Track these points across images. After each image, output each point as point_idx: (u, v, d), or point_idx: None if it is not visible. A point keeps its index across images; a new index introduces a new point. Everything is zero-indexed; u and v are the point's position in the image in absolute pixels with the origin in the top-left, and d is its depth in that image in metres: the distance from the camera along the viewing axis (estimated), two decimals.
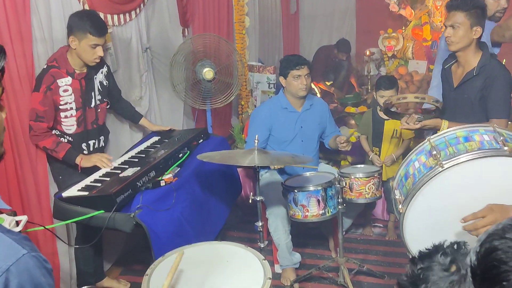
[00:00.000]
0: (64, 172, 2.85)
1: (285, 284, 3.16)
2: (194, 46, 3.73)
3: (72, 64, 2.77)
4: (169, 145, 3.03)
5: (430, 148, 2.06)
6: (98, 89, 2.95)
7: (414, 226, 2.08)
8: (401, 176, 2.20)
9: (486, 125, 2.11)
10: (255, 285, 1.89)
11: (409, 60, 5.46)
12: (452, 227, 1.98)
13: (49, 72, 2.68)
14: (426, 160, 2.06)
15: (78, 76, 2.79)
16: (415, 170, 2.09)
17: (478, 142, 2.00)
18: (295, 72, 3.19)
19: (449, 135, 2.09)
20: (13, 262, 1.00)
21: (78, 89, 2.80)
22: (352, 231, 3.80)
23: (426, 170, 2.01)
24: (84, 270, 2.98)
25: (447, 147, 2.04)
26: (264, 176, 3.37)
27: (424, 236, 2.02)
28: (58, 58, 2.74)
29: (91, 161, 2.78)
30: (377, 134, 3.48)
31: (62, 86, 2.73)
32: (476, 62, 2.63)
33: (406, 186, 2.11)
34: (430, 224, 2.05)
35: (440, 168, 1.94)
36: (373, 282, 3.13)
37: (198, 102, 3.83)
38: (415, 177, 2.06)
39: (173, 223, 2.52)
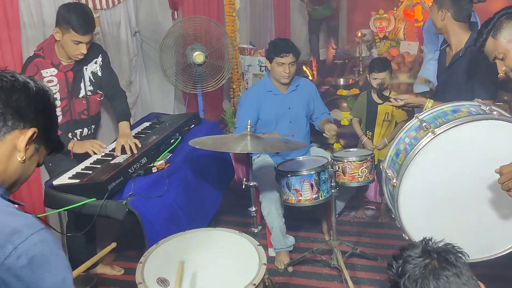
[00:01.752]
0: (54, 159, 2.81)
1: (279, 267, 3.18)
2: (184, 29, 3.67)
3: (58, 55, 2.70)
4: (160, 131, 3.00)
5: (419, 123, 2.07)
6: (90, 80, 2.88)
7: (409, 200, 2.05)
8: (391, 156, 2.20)
9: (470, 101, 2.17)
10: (250, 271, 1.89)
11: (401, 41, 5.42)
12: (447, 202, 2.00)
13: (33, 62, 2.62)
14: (416, 133, 2.07)
15: (64, 68, 2.73)
16: (406, 145, 2.09)
17: (466, 112, 2.02)
18: (279, 59, 3.17)
19: (436, 111, 2.12)
20: (34, 231, 1.10)
21: (63, 79, 2.74)
22: (345, 213, 3.82)
23: (417, 141, 2.00)
24: (76, 258, 2.96)
25: (435, 119, 2.05)
26: (257, 160, 3.36)
27: (419, 212, 2.04)
28: (45, 48, 2.67)
29: (84, 147, 2.74)
30: (371, 118, 3.46)
31: (47, 76, 2.67)
32: (464, 43, 2.63)
33: (398, 162, 2.10)
34: (424, 198, 2.04)
35: (432, 134, 1.94)
36: (366, 264, 3.15)
37: (189, 86, 3.79)
38: (407, 151, 2.05)
39: (166, 210, 2.51)
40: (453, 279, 1.14)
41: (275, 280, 3.04)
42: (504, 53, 2.05)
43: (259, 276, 1.85)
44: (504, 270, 2.84)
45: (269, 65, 3.27)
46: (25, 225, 1.10)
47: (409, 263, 1.20)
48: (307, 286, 3.00)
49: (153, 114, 3.50)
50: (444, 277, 1.14)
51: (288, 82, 3.27)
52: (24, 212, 1.16)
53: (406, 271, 1.18)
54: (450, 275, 1.14)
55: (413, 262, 1.19)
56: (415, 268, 1.17)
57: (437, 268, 1.16)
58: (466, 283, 1.15)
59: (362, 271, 3.09)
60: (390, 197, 2.22)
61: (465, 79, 2.61)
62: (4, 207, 1.15)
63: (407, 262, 1.20)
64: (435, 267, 1.17)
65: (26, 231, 1.08)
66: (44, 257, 1.10)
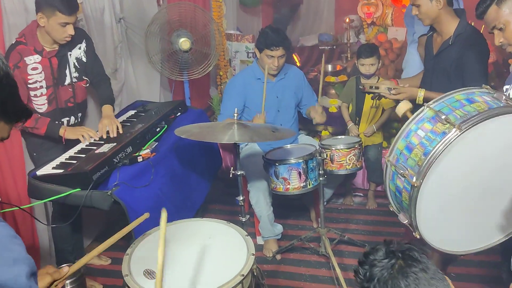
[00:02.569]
0: (39, 148, 2.76)
1: (267, 255, 3.18)
2: (169, 16, 3.61)
3: (41, 41, 2.63)
4: (146, 119, 2.96)
5: (434, 114, 1.92)
6: (75, 66, 2.82)
7: (428, 199, 1.91)
8: (399, 150, 2.02)
9: (477, 87, 2.02)
10: (239, 261, 1.87)
11: (389, 27, 5.40)
12: (462, 197, 1.92)
13: (16, 49, 2.56)
14: (433, 126, 1.90)
15: (48, 54, 2.66)
16: (421, 139, 1.92)
17: (483, 103, 1.88)
18: (269, 52, 3.12)
19: (447, 99, 1.97)
20: None
21: (48, 66, 2.68)
22: (333, 201, 3.82)
23: (439, 137, 1.85)
24: (61, 248, 2.93)
25: (452, 111, 1.90)
26: (244, 149, 3.34)
27: (434, 209, 1.95)
28: (26, 34, 2.61)
29: (76, 133, 2.70)
30: (360, 103, 3.46)
31: (31, 64, 2.61)
32: (453, 30, 2.60)
33: (412, 158, 1.93)
34: (442, 195, 1.92)
35: (459, 131, 1.79)
36: (354, 251, 3.17)
37: (175, 73, 3.73)
38: (424, 146, 1.89)
39: (152, 200, 2.48)
40: (421, 274, 1.16)
41: (264, 268, 3.04)
42: (504, 24, 1.99)
43: (248, 266, 1.84)
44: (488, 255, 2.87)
45: (258, 54, 3.22)
46: None
47: (376, 266, 1.21)
48: (296, 274, 3.01)
49: (139, 102, 3.45)
50: (413, 274, 1.16)
51: (276, 74, 3.23)
52: None
53: (374, 275, 1.20)
54: (418, 271, 1.16)
55: (379, 265, 1.20)
56: (382, 271, 1.19)
57: (403, 266, 1.18)
58: (434, 276, 1.17)
59: (349, 258, 3.11)
60: (396, 194, 2.09)
61: (455, 67, 2.59)
62: None
63: (374, 266, 1.21)
64: (401, 265, 1.18)
65: None
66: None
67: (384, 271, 1.19)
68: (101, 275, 3.07)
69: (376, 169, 3.60)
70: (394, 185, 2.09)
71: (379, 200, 3.73)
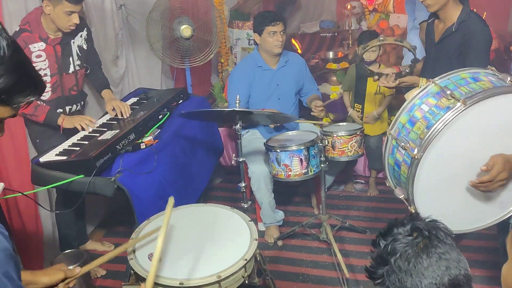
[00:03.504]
0: (42, 135, 2.78)
1: (268, 242, 3.21)
2: (170, 3, 3.59)
3: (46, 29, 2.63)
4: (148, 107, 2.97)
5: (440, 90, 1.91)
6: (77, 54, 2.83)
7: (426, 173, 1.92)
8: (402, 123, 2.03)
9: (483, 69, 2.03)
10: (242, 246, 1.90)
11: (390, 13, 5.36)
12: (459, 174, 1.92)
13: (21, 37, 2.56)
14: (437, 101, 1.91)
15: (53, 41, 2.67)
16: (424, 113, 1.93)
17: (488, 82, 1.89)
18: (271, 28, 3.12)
19: (453, 77, 1.97)
20: None
21: (53, 54, 2.68)
22: (334, 187, 3.84)
23: (443, 111, 1.85)
24: (66, 234, 2.96)
25: (457, 87, 1.90)
26: (246, 135, 3.34)
27: (431, 184, 1.95)
28: (31, 22, 2.60)
29: (73, 122, 2.71)
30: (360, 91, 3.45)
31: (35, 51, 2.61)
32: (456, 16, 2.58)
33: (415, 131, 1.94)
34: (440, 171, 1.93)
35: (463, 105, 1.79)
36: (355, 237, 3.19)
37: (177, 60, 3.73)
38: (428, 120, 1.90)
39: (155, 186, 2.50)
40: (445, 256, 1.14)
41: (265, 254, 3.06)
42: None
43: (251, 251, 1.86)
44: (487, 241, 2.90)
45: (259, 38, 3.21)
46: None
47: (399, 241, 1.18)
48: (297, 260, 3.04)
49: (141, 90, 3.46)
50: (436, 255, 1.14)
51: (281, 51, 3.22)
52: None
53: (397, 250, 1.17)
54: (442, 252, 1.15)
55: (403, 240, 1.18)
56: (406, 247, 1.16)
57: (428, 246, 1.16)
58: (456, 259, 1.15)
59: (351, 244, 3.13)
60: (395, 169, 2.10)
61: (457, 54, 2.59)
62: None
63: (397, 240, 1.19)
64: (426, 245, 1.16)
65: None
66: None
67: (408, 248, 1.16)
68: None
69: (377, 157, 3.60)
70: (393, 159, 2.10)
71: (380, 187, 3.75)
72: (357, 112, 3.49)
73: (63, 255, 2.80)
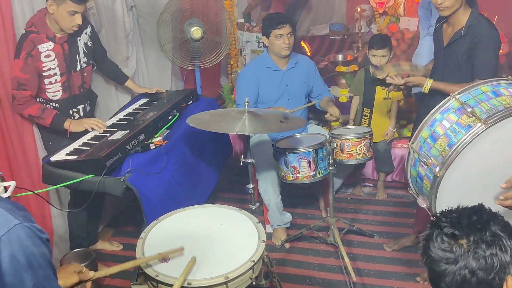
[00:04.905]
0: (54, 138, 2.79)
1: (276, 244, 3.21)
2: (181, 4, 3.61)
3: (51, 28, 2.65)
4: (158, 107, 2.98)
5: (460, 105, 1.92)
6: (83, 51, 2.85)
7: (448, 190, 1.93)
8: (423, 138, 2.04)
9: (503, 78, 2.02)
10: (250, 247, 1.90)
11: (401, 17, 5.35)
12: (481, 190, 1.91)
13: (29, 38, 2.57)
14: (458, 118, 1.92)
15: (60, 40, 2.68)
16: (446, 130, 1.95)
17: (509, 96, 1.89)
18: (277, 31, 3.14)
19: (473, 91, 1.97)
20: (4, 232, 1.01)
21: (61, 53, 2.70)
22: (342, 191, 3.83)
23: (464, 130, 1.87)
24: (77, 234, 2.98)
25: (478, 103, 1.90)
26: (254, 137, 3.35)
27: (453, 200, 1.90)
28: (36, 23, 2.62)
29: (82, 125, 2.72)
30: (369, 95, 3.44)
31: (44, 51, 2.62)
32: (465, 20, 2.57)
33: (436, 148, 1.96)
34: (467, 189, 1.93)
35: (484, 125, 1.80)
36: (363, 241, 3.18)
37: (187, 62, 3.75)
38: (449, 137, 1.92)
39: (164, 186, 2.51)
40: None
41: (272, 256, 3.06)
42: None
43: (258, 252, 1.87)
44: None
45: (267, 40, 3.23)
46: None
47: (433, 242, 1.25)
48: (304, 262, 3.04)
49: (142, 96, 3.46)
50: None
51: (289, 54, 3.23)
52: (0, 201, 1.08)
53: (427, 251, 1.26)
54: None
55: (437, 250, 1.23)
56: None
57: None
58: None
59: (358, 248, 3.13)
60: (417, 180, 2.12)
61: (466, 58, 2.58)
62: None
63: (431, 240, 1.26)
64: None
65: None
66: (17, 260, 1.03)
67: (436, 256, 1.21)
68: (113, 260, 3.11)
69: (385, 160, 3.60)
70: (416, 171, 2.10)
71: (389, 191, 3.74)
72: (365, 117, 3.48)
73: (72, 254, 2.83)
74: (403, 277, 2.84)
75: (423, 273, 2.80)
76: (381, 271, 2.90)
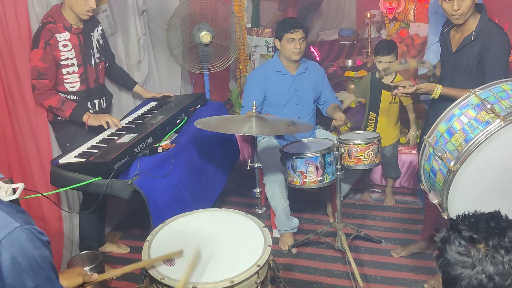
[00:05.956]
0: (72, 139, 2.83)
1: (283, 249, 3.20)
2: (191, 9, 3.64)
3: (68, 19, 2.72)
4: (166, 111, 3.00)
5: (480, 102, 1.90)
6: (96, 47, 2.91)
7: (462, 186, 1.92)
8: (440, 132, 2.02)
9: None
10: (255, 252, 1.90)
11: (410, 22, 5.33)
12: (497, 190, 1.90)
13: (46, 28, 2.64)
14: (477, 114, 1.91)
15: (76, 30, 2.75)
16: (463, 125, 1.93)
17: None
18: (289, 35, 3.16)
19: (494, 88, 1.96)
20: (5, 235, 1.02)
21: (77, 45, 2.77)
22: (350, 196, 3.82)
23: (482, 126, 1.85)
24: (88, 236, 3.00)
25: (498, 100, 1.89)
26: (262, 142, 3.36)
27: (471, 197, 1.94)
28: (53, 14, 2.69)
29: (99, 120, 2.77)
30: (375, 100, 3.43)
31: (61, 41, 2.69)
32: (474, 26, 2.56)
33: (452, 142, 1.94)
34: (477, 185, 1.92)
35: (503, 122, 1.78)
36: (371, 247, 3.17)
37: (196, 66, 3.77)
38: (466, 133, 1.90)
39: (171, 190, 2.51)
40: None
41: (279, 261, 3.06)
42: None
43: (264, 257, 1.86)
44: None
45: (279, 44, 3.25)
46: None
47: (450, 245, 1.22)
48: (311, 268, 3.02)
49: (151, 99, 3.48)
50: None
51: (299, 59, 3.24)
52: (0, 204, 1.08)
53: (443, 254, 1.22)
54: None
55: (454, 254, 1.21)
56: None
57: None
58: None
59: (365, 254, 3.11)
60: (430, 175, 2.11)
61: (477, 63, 2.57)
62: None
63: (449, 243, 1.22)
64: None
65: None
66: (18, 263, 1.03)
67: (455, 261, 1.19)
68: (120, 263, 3.12)
69: (391, 165, 3.59)
70: (429, 166, 2.09)
71: (397, 197, 3.72)
72: (371, 121, 3.48)
73: (79, 256, 2.84)
74: (410, 284, 2.82)
75: (431, 280, 2.78)
76: (388, 278, 2.88)
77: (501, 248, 1.16)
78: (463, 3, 2.48)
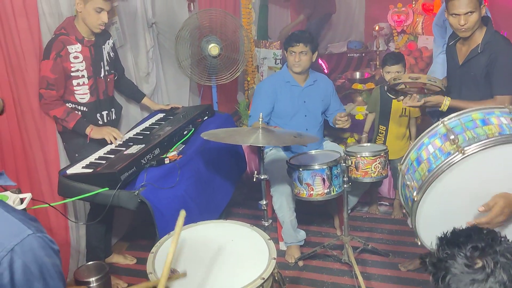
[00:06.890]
0: (81, 150, 2.85)
1: (289, 261, 3.18)
2: (199, 21, 3.67)
3: (80, 31, 2.76)
4: (174, 122, 3.01)
5: (446, 132, 1.93)
6: (107, 59, 2.95)
7: (428, 214, 1.96)
8: (411, 160, 2.06)
9: (500, 106, 1.99)
10: (260, 264, 1.89)
11: (419, 35, 5.33)
12: (468, 213, 1.89)
13: (58, 39, 2.68)
14: (442, 144, 1.93)
15: (87, 43, 2.79)
16: (429, 155, 1.96)
17: (497, 126, 1.87)
18: (291, 48, 3.23)
19: (464, 117, 1.96)
20: (18, 242, 1.02)
21: (89, 57, 2.80)
22: (358, 209, 3.80)
23: (444, 156, 1.87)
24: (95, 246, 3.01)
25: (464, 131, 1.90)
26: (269, 153, 3.36)
27: (437, 222, 1.90)
28: (66, 26, 2.74)
29: (101, 133, 2.79)
30: (385, 113, 3.43)
31: (73, 52, 2.73)
32: (480, 38, 2.57)
33: (419, 171, 1.98)
34: (444, 211, 1.94)
35: (461, 154, 1.80)
36: (378, 260, 3.14)
37: (204, 78, 3.79)
38: (430, 163, 1.93)
39: (177, 201, 2.52)
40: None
41: (285, 274, 3.04)
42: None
43: (268, 270, 1.85)
44: None
45: (286, 55, 3.33)
46: (8, 235, 1.02)
47: (456, 262, 1.17)
48: (317, 281, 3.00)
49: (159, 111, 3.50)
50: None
51: (300, 71, 3.27)
52: (7, 213, 1.09)
53: (449, 271, 1.17)
54: None
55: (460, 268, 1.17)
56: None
57: None
58: None
59: (373, 267, 3.08)
60: (405, 201, 2.15)
61: (484, 74, 2.57)
62: None
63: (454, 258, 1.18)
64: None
65: (7, 244, 1.02)
66: (30, 270, 1.04)
67: (461, 276, 1.15)
68: (126, 274, 3.13)
69: None
70: (403, 193, 2.14)
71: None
72: (381, 134, 3.47)
73: (86, 266, 2.84)
74: None
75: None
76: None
77: (507, 253, 1.14)
78: (470, 18, 2.49)
